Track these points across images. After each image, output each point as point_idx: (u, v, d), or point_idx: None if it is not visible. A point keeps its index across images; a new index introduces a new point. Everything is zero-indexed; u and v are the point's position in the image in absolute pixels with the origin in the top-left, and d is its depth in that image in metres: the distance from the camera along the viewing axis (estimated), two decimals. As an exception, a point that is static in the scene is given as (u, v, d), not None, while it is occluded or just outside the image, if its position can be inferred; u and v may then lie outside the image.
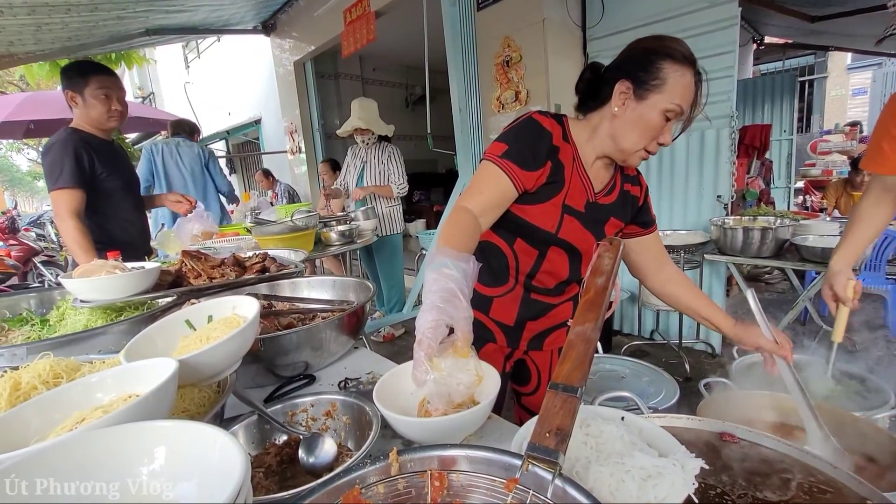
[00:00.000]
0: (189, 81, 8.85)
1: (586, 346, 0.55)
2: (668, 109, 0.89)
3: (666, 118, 0.91)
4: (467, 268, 0.68)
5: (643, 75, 0.90)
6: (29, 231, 6.82)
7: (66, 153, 1.77)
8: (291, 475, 0.71)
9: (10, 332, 1.18)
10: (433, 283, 0.66)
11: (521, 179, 0.93)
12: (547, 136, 0.97)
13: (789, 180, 5.93)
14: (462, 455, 0.51)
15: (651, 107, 0.90)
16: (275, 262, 1.40)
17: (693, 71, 0.90)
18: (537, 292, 1.09)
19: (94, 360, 0.74)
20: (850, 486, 0.61)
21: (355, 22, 4.13)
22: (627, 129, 0.94)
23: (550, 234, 1.00)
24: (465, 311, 0.65)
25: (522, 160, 0.93)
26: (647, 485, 0.49)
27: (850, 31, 4.92)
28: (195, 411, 0.70)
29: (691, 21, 2.79)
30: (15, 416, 0.54)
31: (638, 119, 0.92)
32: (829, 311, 1.09)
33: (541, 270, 1.05)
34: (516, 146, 0.94)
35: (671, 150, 3.08)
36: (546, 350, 1.17)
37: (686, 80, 0.89)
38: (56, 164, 1.76)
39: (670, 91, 0.89)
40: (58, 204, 1.76)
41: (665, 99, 0.89)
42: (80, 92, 1.83)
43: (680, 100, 0.89)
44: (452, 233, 0.84)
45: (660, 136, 0.93)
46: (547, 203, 0.98)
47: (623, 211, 1.08)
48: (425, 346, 0.62)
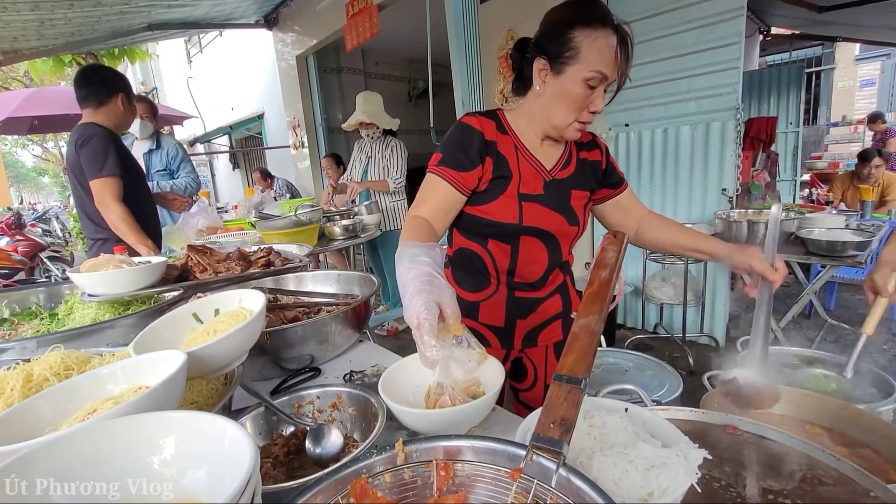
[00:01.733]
0: (191, 76, 8.84)
1: (590, 338, 0.55)
2: (587, 78, 0.88)
3: (589, 87, 0.89)
4: (434, 254, 0.71)
5: (556, 48, 0.90)
6: (35, 226, 6.87)
7: (109, 145, 1.92)
8: (299, 465, 0.72)
9: (19, 325, 1.19)
10: (407, 271, 0.68)
11: (461, 181, 0.96)
12: (477, 135, 0.97)
13: (795, 173, 5.88)
14: (467, 445, 0.52)
15: (570, 79, 0.89)
16: (279, 256, 1.41)
17: (610, 31, 0.87)
18: (521, 289, 1.08)
19: (104, 352, 0.75)
20: (854, 478, 0.61)
21: (358, 16, 4.11)
22: (553, 104, 0.94)
23: (515, 225, 1.00)
24: (448, 288, 0.67)
25: (457, 163, 0.96)
26: (650, 474, 0.50)
27: (859, 21, 4.85)
28: (203, 403, 0.71)
29: (696, 12, 2.76)
30: (28, 406, 0.55)
31: (560, 93, 0.92)
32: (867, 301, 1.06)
33: (519, 264, 1.05)
34: (448, 152, 0.98)
35: (676, 143, 3.06)
36: (541, 346, 1.16)
37: (601, 42, 0.87)
38: (99, 155, 1.90)
39: (586, 59, 0.87)
40: (103, 191, 1.90)
41: (583, 68, 0.88)
42: (128, 95, 2.04)
43: (598, 65, 0.87)
44: (410, 234, 0.88)
45: (590, 105, 0.92)
46: (502, 196, 0.99)
47: (584, 180, 1.07)
48: (426, 326, 0.63)
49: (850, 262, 2.25)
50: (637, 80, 3.12)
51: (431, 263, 0.69)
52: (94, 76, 2.02)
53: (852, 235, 2.34)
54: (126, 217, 1.92)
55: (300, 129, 5.89)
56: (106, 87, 1.98)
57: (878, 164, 3.95)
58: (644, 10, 2.95)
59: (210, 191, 9.66)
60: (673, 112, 3.03)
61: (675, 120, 3.03)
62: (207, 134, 9.50)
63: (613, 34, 0.88)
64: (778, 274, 0.90)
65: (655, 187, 3.24)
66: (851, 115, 9.63)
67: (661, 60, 2.96)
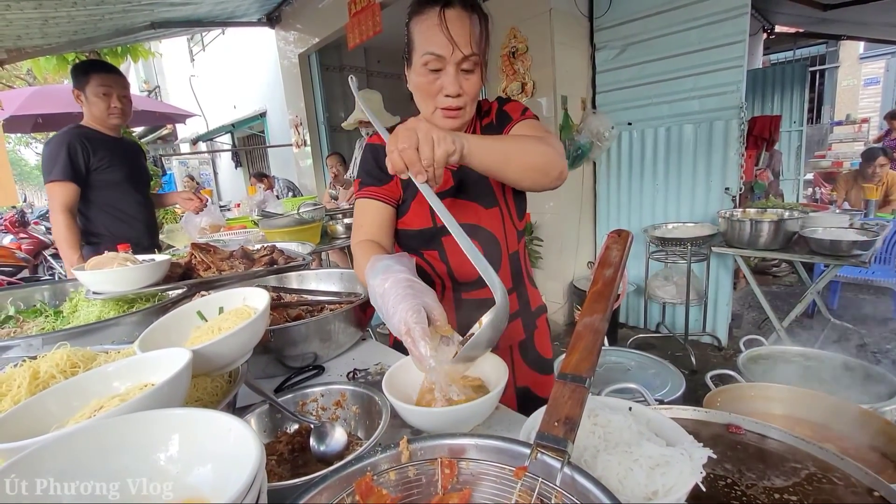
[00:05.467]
0: (194, 75, 8.86)
1: (594, 337, 0.55)
2: (424, 63, 0.87)
3: (431, 71, 0.88)
4: (406, 261, 0.71)
5: (405, 45, 0.92)
6: (38, 224, 6.90)
7: (60, 148, 1.83)
8: (303, 463, 0.72)
9: (24, 323, 1.20)
10: (382, 282, 0.68)
11: (385, 193, 0.99)
12: (380, 149, 0.97)
13: (799, 172, 5.85)
14: (471, 444, 0.52)
15: (415, 69, 0.90)
16: (282, 254, 1.41)
17: (437, 10, 0.84)
18: (466, 290, 1.05)
19: (110, 350, 0.76)
20: (858, 476, 0.61)
21: (360, 14, 4.10)
22: (417, 100, 0.95)
23: (431, 229, 1.00)
24: (430, 291, 0.67)
25: (374, 179, 1.00)
26: (654, 473, 0.50)
27: (864, 18, 4.82)
28: (208, 400, 0.71)
29: (700, 10, 2.75)
30: (36, 403, 0.55)
31: (415, 87, 0.93)
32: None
33: (453, 266, 1.02)
34: (364, 173, 1.02)
35: (679, 142, 3.05)
36: (503, 347, 1.08)
37: (426, 25, 0.85)
38: (51, 159, 1.82)
39: (418, 46, 0.88)
40: (50, 197, 1.83)
41: (417, 56, 0.88)
42: (83, 90, 1.89)
43: (427, 47, 0.85)
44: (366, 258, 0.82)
45: (443, 88, 0.89)
46: (413, 204, 1.00)
47: None
48: (419, 330, 0.62)
49: (854, 261, 2.24)
50: (641, 79, 3.11)
51: (406, 271, 0.69)
52: (71, 75, 1.94)
53: (856, 235, 2.33)
54: (64, 230, 1.82)
55: (302, 128, 5.88)
56: (76, 85, 1.89)
57: (883, 163, 3.93)
58: (647, 8, 2.94)
59: (213, 189, 9.68)
60: (676, 110, 3.03)
61: (678, 118, 3.02)
62: (210, 132, 9.51)
63: (438, 13, 0.85)
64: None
65: (658, 186, 3.23)
66: (856, 114, 9.58)
67: (665, 59, 2.95)
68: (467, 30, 0.85)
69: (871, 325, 3.28)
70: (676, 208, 3.17)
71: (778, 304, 3.24)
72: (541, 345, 1.15)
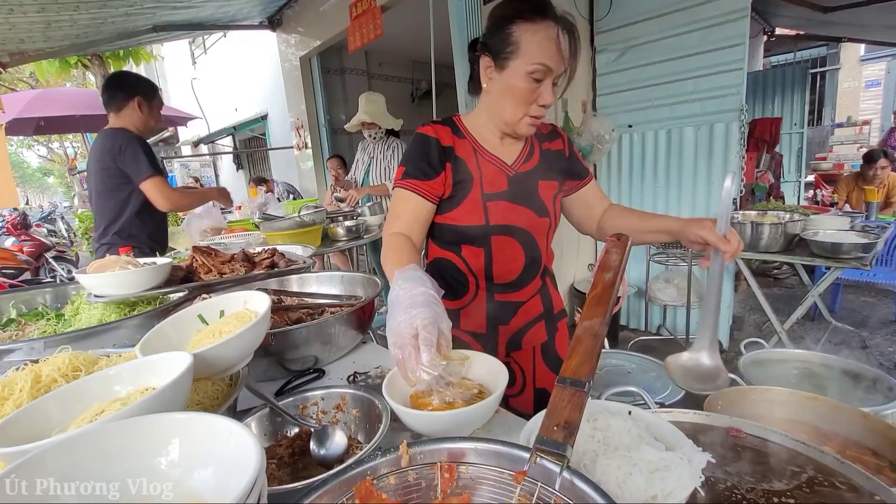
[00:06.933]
0: (196, 77, 8.88)
1: (594, 341, 0.55)
2: (531, 72, 0.88)
3: (535, 80, 0.89)
4: (433, 285, 0.71)
5: (498, 44, 0.90)
6: (40, 227, 6.92)
7: (143, 149, 2.00)
8: (303, 466, 0.72)
9: (26, 326, 1.20)
10: (412, 287, 0.68)
11: (428, 189, 0.98)
12: (434, 142, 0.98)
13: (800, 174, 5.85)
14: (471, 448, 0.52)
15: (514, 74, 0.90)
16: (283, 257, 1.41)
17: (551, 23, 0.87)
18: (500, 291, 1.07)
19: (111, 353, 0.76)
20: (859, 481, 0.61)
21: (361, 17, 4.12)
22: (501, 101, 0.95)
23: (482, 227, 1.00)
24: (448, 320, 0.66)
25: (421, 172, 0.98)
26: (654, 478, 0.50)
27: (865, 21, 4.82)
28: (209, 404, 0.71)
29: (700, 13, 2.75)
30: (37, 407, 0.55)
31: (506, 89, 0.92)
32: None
33: (495, 265, 1.04)
34: (411, 163, 0.99)
35: (679, 144, 3.05)
36: (526, 349, 1.14)
37: (541, 35, 0.87)
38: (141, 159, 1.98)
39: (527, 53, 0.87)
40: (155, 188, 2.00)
41: (524, 62, 0.88)
42: (151, 101, 2.08)
43: (541, 58, 0.87)
44: (400, 257, 0.87)
45: (538, 99, 0.92)
46: (465, 201, 1.00)
47: (550, 170, 1.06)
48: (427, 338, 0.62)
49: (855, 263, 2.23)
50: (641, 82, 3.11)
51: (433, 290, 0.69)
52: (113, 81, 2.09)
53: (857, 237, 2.33)
54: (181, 196, 2.15)
55: (303, 130, 5.90)
56: (123, 90, 2.02)
57: (884, 165, 3.93)
58: (648, 11, 2.95)
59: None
60: (677, 113, 3.03)
61: (678, 121, 3.02)
62: (211, 135, 9.53)
63: (554, 26, 0.87)
64: (731, 245, 0.82)
65: (659, 189, 3.23)
66: (856, 116, 9.56)
67: (665, 61, 2.95)
68: (566, 47, 0.90)
69: (872, 328, 3.28)
70: (677, 210, 3.16)
71: (779, 307, 3.23)
72: (561, 347, 1.17)
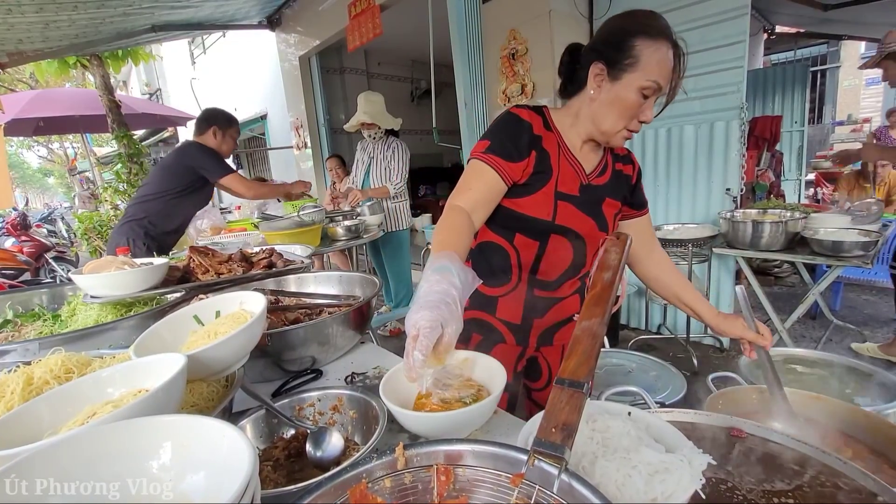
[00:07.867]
0: (195, 77, 8.87)
1: (592, 342, 0.55)
2: (644, 87, 0.88)
3: (643, 96, 0.90)
4: (468, 280, 0.69)
5: (616, 55, 0.90)
6: (40, 227, 6.92)
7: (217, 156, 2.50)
8: (299, 468, 0.71)
9: (22, 327, 1.20)
10: (436, 283, 0.66)
11: (508, 171, 0.95)
12: (527, 127, 0.97)
13: (800, 172, 5.84)
14: (468, 450, 0.51)
15: (626, 86, 0.90)
16: (281, 257, 1.40)
17: (669, 44, 0.88)
18: (540, 288, 1.08)
19: (105, 355, 0.75)
20: (860, 481, 0.60)
21: (360, 16, 4.11)
22: (605, 110, 0.94)
23: (548, 223, 1.00)
24: (458, 320, 0.65)
25: (506, 153, 0.95)
26: (653, 480, 0.49)
27: (865, 19, 4.81)
28: (204, 406, 0.70)
29: (700, 11, 2.74)
30: (28, 410, 0.54)
31: (615, 100, 0.92)
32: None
33: (543, 262, 1.04)
34: (498, 140, 0.96)
35: (679, 143, 3.04)
36: (556, 345, 1.16)
37: (660, 54, 0.87)
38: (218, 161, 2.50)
39: (644, 68, 0.87)
40: (236, 182, 2.53)
41: (640, 77, 0.88)
42: (225, 132, 2.57)
43: (656, 76, 0.88)
44: (449, 236, 0.85)
45: (640, 114, 0.92)
46: (538, 193, 0.99)
47: (617, 190, 1.07)
48: (424, 342, 0.61)
49: (856, 262, 2.23)
50: (640, 80, 3.10)
51: (461, 288, 0.67)
52: (201, 114, 2.62)
53: (858, 235, 2.32)
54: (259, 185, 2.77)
55: (303, 130, 5.89)
56: (206, 121, 2.54)
57: (884, 163, 3.91)
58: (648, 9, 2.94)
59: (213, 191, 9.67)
60: (677, 111, 3.01)
61: (679, 119, 3.01)
62: (211, 134, 9.51)
63: (672, 48, 0.89)
64: (766, 339, 0.98)
65: (660, 187, 3.22)
66: (857, 114, 9.55)
67: (665, 59, 2.94)
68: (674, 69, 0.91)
69: (873, 326, 3.27)
70: (677, 209, 3.16)
71: (780, 305, 3.22)
72: None
